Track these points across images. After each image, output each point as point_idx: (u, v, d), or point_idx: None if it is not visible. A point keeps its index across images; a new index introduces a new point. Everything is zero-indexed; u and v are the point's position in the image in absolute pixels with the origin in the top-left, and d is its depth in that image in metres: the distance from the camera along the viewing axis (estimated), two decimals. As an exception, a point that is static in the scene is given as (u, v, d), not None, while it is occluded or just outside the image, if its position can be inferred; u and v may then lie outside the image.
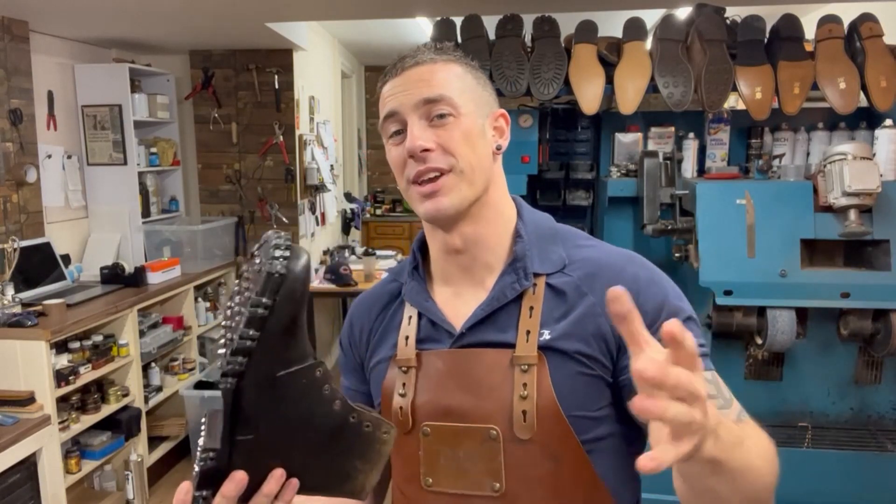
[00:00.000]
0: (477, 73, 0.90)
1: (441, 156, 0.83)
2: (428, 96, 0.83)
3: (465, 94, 0.86)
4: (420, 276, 0.94)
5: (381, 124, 0.88)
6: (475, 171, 0.85)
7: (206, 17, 3.19)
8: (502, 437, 0.83)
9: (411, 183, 0.85)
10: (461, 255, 0.89)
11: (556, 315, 0.85)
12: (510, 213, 0.92)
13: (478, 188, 0.86)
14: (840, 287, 2.05)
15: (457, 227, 0.87)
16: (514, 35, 2.40)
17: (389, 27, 4.72)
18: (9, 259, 2.81)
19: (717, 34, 2.30)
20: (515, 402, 0.82)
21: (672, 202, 2.34)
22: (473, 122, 0.86)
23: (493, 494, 0.84)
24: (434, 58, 0.86)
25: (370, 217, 6.43)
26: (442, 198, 0.84)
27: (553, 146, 2.75)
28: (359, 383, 1.00)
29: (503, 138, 0.91)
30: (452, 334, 0.88)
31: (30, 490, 2.48)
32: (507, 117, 0.92)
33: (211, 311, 3.95)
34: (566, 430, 0.82)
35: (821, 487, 2.11)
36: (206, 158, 4.23)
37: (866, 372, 2.25)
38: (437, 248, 0.92)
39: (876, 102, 2.20)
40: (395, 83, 0.86)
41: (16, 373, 2.55)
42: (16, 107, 3.03)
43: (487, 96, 0.90)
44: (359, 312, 1.00)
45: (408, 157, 0.84)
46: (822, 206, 2.06)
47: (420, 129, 0.83)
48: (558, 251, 0.89)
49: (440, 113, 0.83)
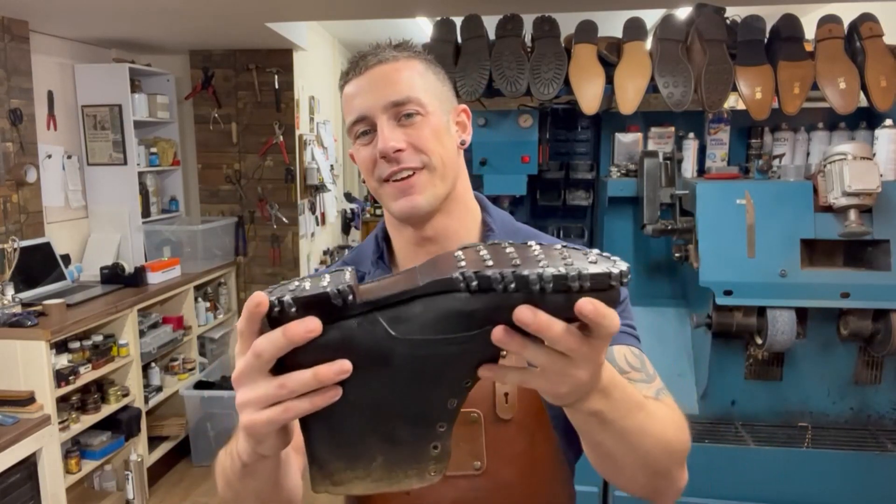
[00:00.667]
0: (437, 69, 0.92)
1: (413, 154, 0.85)
2: (395, 99, 0.84)
3: (428, 91, 0.87)
4: (385, 265, 0.95)
5: (347, 127, 0.89)
6: (446, 167, 0.87)
7: (206, 17, 3.19)
8: (483, 419, 0.87)
9: (383, 181, 0.86)
10: (433, 244, 0.91)
11: None
12: (475, 207, 0.95)
13: (448, 183, 0.88)
14: (840, 287, 2.05)
15: (429, 223, 0.89)
16: (514, 35, 2.40)
17: (389, 27, 4.72)
18: (9, 259, 2.81)
19: (717, 34, 2.30)
20: (497, 386, 0.87)
21: (672, 202, 2.34)
22: (439, 119, 0.88)
23: (475, 472, 0.89)
24: (396, 55, 0.87)
25: (370, 217, 6.43)
26: (417, 196, 0.85)
27: (553, 146, 2.75)
28: None
29: (466, 133, 0.93)
30: None
31: (30, 490, 2.48)
32: (468, 112, 0.95)
33: (211, 311, 3.95)
34: (540, 407, 0.88)
35: (821, 487, 2.11)
36: (206, 158, 4.23)
37: (866, 372, 2.25)
38: (405, 240, 0.93)
39: (876, 102, 2.20)
40: (359, 83, 0.86)
41: (16, 373, 2.55)
42: (16, 107, 3.03)
43: (448, 92, 0.92)
44: None
45: (379, 157, 0.85)
46: (822, 206, 2.06)
47: (390, 129, 0.84)
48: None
49: (408, 112, 0.85)
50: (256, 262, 4.29)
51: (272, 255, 4.25)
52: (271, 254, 4.25)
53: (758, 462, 2.13)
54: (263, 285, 4.30)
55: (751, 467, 2.13)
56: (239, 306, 4.33)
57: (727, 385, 2.28)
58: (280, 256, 4.25)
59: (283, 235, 4.24)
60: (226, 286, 4.19)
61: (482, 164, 2.49)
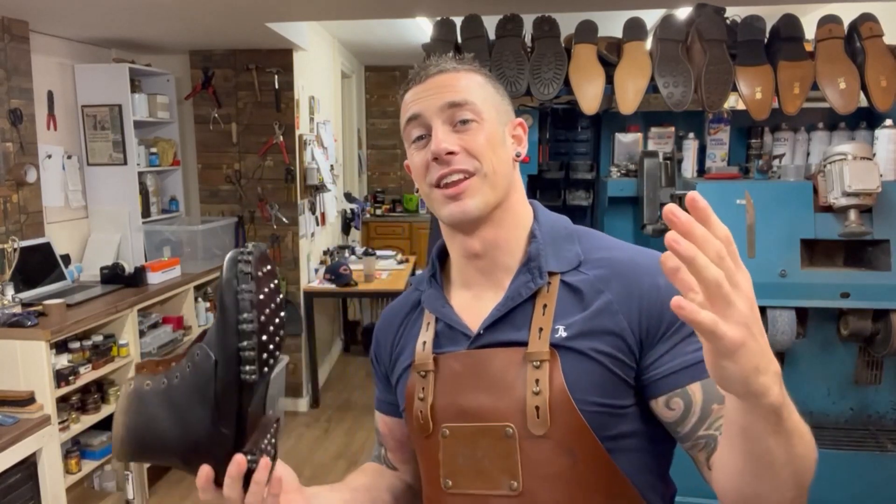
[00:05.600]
0: (496, 84, 0.93)
1: (465, 159, 0.85)
2: (453, 100, 0.85)
3: (486, 101, 0.88)
4: (437, 283, 0.96)
5: (403, 129, 0.90)
6: (498, 175, 0.86)
7: (206, 17, 3.19)
8: (518, 435, 0.83)
9: (434, 186, 0.86)
10: (480, 259, 0.91)
11: (572, 312, 0.85)
12: (527, 217, 0.94)
13: (500, 193, 0.87)
14: (840, 287, 2.05)
15: (478, 232, 0.89)
16: (514, 35, 2.40)
17: (389, 27, 4.72)
18: (9, 259, 2.81)
19: (717, 34, 2.30)
20: (528, 398, 0.82)
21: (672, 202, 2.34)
22: (495, 129, 0.88)
23: (511, 493, 0.83)
24: (457, 67, 0.89)
25: (370, 217, 6.43)
26: (467, 200, 0.85)
27: (553, 146, 2.75)
28: (384, 393, 1.03)
29: (521, 146, 0.93)
30: (469, 336, 0.89)
31: (30, 490, 2.48)
32: (524, 126, 0.94)
33: (211, 311, 3.95)
34: (581, 424, 0.81)
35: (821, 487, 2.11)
36: (206, 158, 4.23)
37: (866, 372, 2.25)
38: (457, 252, 0.93)
39: (876, 102, 2.20)
40: (419, 89, 0.88)
41: (16, 373, 2.55)
42: (16, 107, 3.03)
43: (507, 106, 0.93)
44: (383, 326, 1.03)
45: (431, 160, 0.85)
46: (822, 206, 2.06)
47: (444, 132, 0.85)
48: (574, 249, 0.90)
49: (464, 118, 0.85)
50: (256, 262, 4.28)
51: (272, 255, 4.25)
52: (271, 254, 4.25)
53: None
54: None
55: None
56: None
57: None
58: (280, 256, 4.25)
59: (283, 235, 4.24)
60: (226, 286, 4.18)
61: (482, 164, 2.49)
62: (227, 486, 0.76)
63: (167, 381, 0.77)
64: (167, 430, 0.76)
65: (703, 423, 0.79)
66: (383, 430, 1.05)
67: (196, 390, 0.75)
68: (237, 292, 0.71)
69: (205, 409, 0.74)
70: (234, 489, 0.76)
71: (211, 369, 0.73)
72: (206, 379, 0.74)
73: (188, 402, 0.75)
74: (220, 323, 0.72)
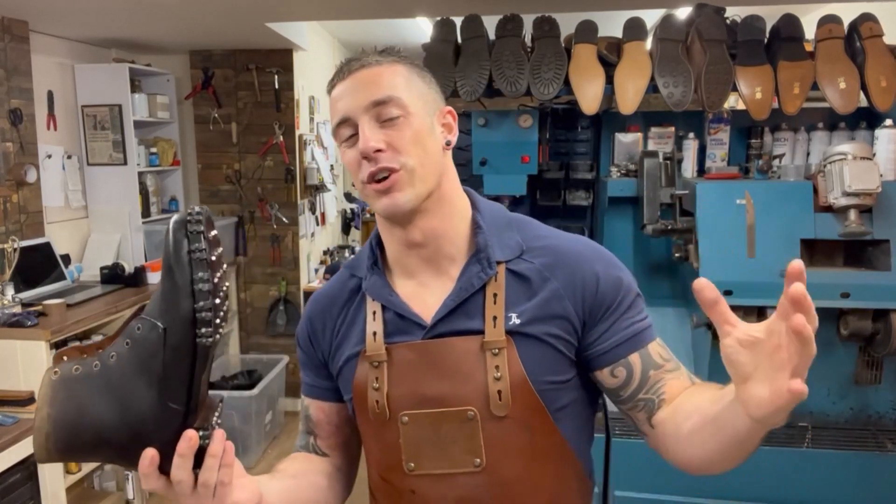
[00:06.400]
0: (422, 73, 0.95)
1: (392, 155, 0.87)
2: (377, 98, 0.88)
3: (412, 93, 0.90)
4: (380, 270, 0.97)
5: (333, 130, 0.92)
6: (425, 168, 0.89)
7: (206, 17, 3.19)
8: (480, 417, 0.89)
9: (365, 183, 0.89)
10: (422, 248, 0.94)
11: (521, 299, 0.91)
12: (464, 205, 0.97)
13: (429, 184, 0.90)
14: (840, 287, 2.05)
15: (414, 222, 0.92)
16: (514, 35, 2.39)
17: (389, 27, 4.72)
18: (9, 259, 2.81)
19: (717, 34, 2.30)
20: (490, 384, 0.89)
21: (672, 202, 2.34)
22: (422, 121, 0.90)
23: (475, 469, 0.90)
24: (379, 60, 0.91)
25: (370, 217, 6.42)
26: (396, 193, 0.88)
27: (553, 146, 2.74)
28: (319, 379, 1.04)
29: (452, 134, 0.96)
30: (423, 326, 0.92)
31: (30, 490, 2.48)
32: (454, 114, 0.97)
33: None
34: (537, 403, 0.89)
35: (821, 487, 2.11)
36: (206, 158, 4.23)
37: (866, 372, 2.25)
38: (396, 242, 0.95)
39: (876, 102, 2.20)
40: (344, 86, 0.91)
41: (16, 373, 2.55)
42: (16, 107, 3.03)
43: (434, 94, 0.95)
44: (318, 310, 1.03)
45: (361, 158, 0.87)
46: (822, 206, 2.05)
47: (371, 129, 0.88)
48: (515, 237, 0.95)
49: (390, 116, 0.88)
50: (256, 262, 4.29)
51: (272, 254, 4.25)
52: (271, 254, 4.25)
53: (758, 462, 2.13)
54: (263, 285, 4.32)
55: (751, 467, 2.12)
56: (239, 306, 4.33)
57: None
58: (280, 256, 4.25)
59: (283, 235, 4.24)
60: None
61: (482, 164, 2.49)
62: (177, 466, 0.72)
63: (100, 363, 0.72)
64: (103, 416, 0.70)
65: (643, 388, 0.91)
66: (318, 416, 1.05)
67: (139, 366, 0.70)
68: (190, 252, 0.69)
69: (150, 387, 0.70)
70: (185, 469, 0.72)
71: (158, 340, 0.70)
72: (152, 352, 0.70)
73: (129, 381, 0.71)
74: (170, 287, 0.69)
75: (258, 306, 4.34)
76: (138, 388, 0.71)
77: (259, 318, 4.34)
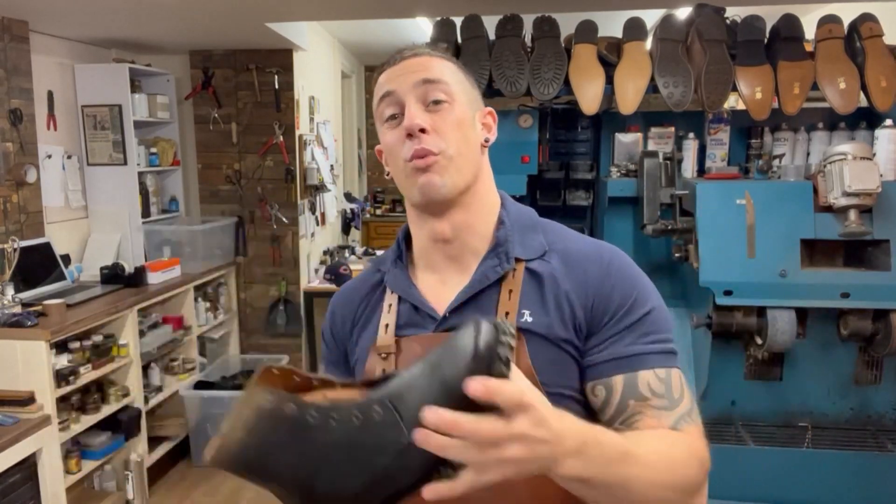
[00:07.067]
0: (468, 74, 0.96)
1: (434, 139, 0.87)
2: (427, 76, 0.88)
3: (458, 85, 0.91)
4: (403, 265, 0.97)
5: (376, 107, 0.92)
6: (463, 158, 0.89)
7: (206, 17, 3.19)
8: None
9: (407, 161, 0.87)
10: (449, 244, 0.93)
11: (535, 299, 0.89)
12: (495, 204, 0.96)
13: (466, 176, 0.90)
14: (840, 287, 2.05)
15: (447, 215, 0.91)
16: (514, 35, 2.40)
17: (389, 27, 4.72)
18: (9, 259, 2.80)
19: (717, 34, 2.30)
20: None
21: (672, 202, 2.34)
22: (465, 112, 0.91)
23: None
24: (431, 52, 0.92)
25: (370, 217, 6.43)
26: (434, 175, 0.87)
27: (553, 146, 2.74)
28: (341, 375, 1.02)
29: (491, 133, 0.96)
30: (435, 318, 0.91)
31: (30, 490, 2.48)
32: (494, 115, 0.98)
33: (211, 312, 3.95)
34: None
35: (821, 487, 2.11)
36: (206, 158, 4.23)
37: (866, 372, 2.25)
38: (425, 236, 0.94)
39: (876, 102, 2.20)
40: (393, 71, 0.91)
41: (16, 373, 2.55)
42: (16, 107, 3.03)
43: (477, 95, 0.96)
44: (341, 303, 1.03)
45: (405, 137, 0.87)
46: (822, 206, 2.05)
47: (417, 109, 0.87)
48: (539, 239, 0.94)
49: (436, 99, 0.88)
50: (256, 262, 4.29)
51: (272, 254, 4.25)
52: (271, 254, 4.25)
53: (758, 462, 2.13)
54: (263, 285, 4.32)
55: (751, 467, 2.13)
56: (239, 306, 4.33)
57: (727, 385, 2.28)
58: (280, 256, 4.25)
59: (283, 235, 4.24)
60: (226, 286, 4.19)
61: (482, 164, 2.49)
62: None
63: (317, 421, 0.62)
64: (287, 468, 0.63)
65: (619, 416, 0.85)
66: None
67: (357, 451, 0.62)
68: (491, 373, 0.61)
69: (355, 477, 0.62)
70: None
71: (393, 445, 0.61)
72: (380, 450, 0.61)
73: (336, 457, 0.62)
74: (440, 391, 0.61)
75: (258, 306, 4.34)
76: (341, 470, 0.62)
77: (259, 318, 4.34)
